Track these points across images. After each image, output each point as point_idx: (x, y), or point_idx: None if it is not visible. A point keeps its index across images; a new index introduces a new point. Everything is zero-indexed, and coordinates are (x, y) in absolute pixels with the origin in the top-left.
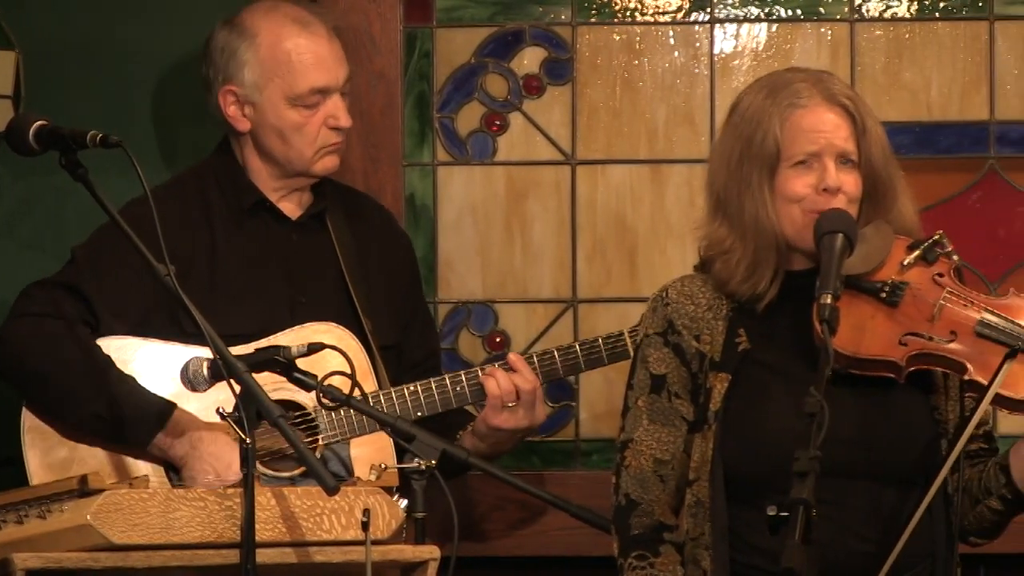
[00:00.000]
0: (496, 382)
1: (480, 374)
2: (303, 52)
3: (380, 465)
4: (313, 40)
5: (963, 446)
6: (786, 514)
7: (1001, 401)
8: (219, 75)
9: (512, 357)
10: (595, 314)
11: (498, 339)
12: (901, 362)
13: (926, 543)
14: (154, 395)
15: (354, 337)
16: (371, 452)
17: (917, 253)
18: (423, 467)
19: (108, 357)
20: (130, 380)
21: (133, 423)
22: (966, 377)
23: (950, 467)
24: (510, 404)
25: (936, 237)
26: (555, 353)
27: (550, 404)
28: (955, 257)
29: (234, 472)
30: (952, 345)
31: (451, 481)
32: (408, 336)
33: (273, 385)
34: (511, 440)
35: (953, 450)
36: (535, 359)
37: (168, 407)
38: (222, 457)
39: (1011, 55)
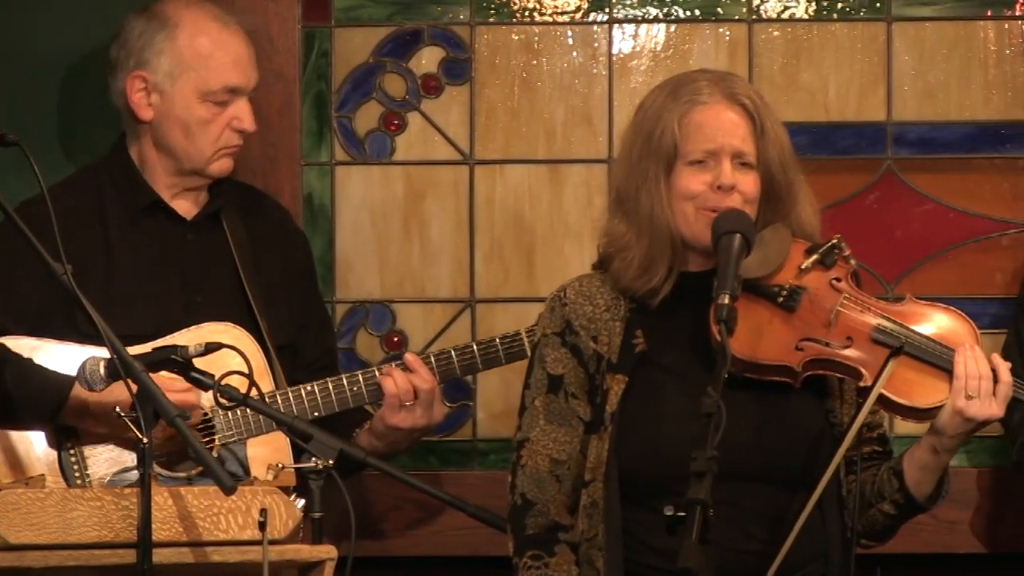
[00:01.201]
0: (394, 381)
1: (377, 374)
2: (222, 49)
3: (277, 464)
4: (233, 39)
5: (848, 447)
6: (683, 514)
7: (890, 405)
8: (130, 59)
9: (409, 357)
10: (493, 314)
11: (396, 339)
12: (797, 367)
13: (819, 544)
14: (56, 372)
15: (251, 337)
16: (268, 452)
17: (815, 257)
18: (320, 467)
19: (3, 345)
20: (28, 362)
21: (39, 395)
22: (861, 383)
23: (834, 469)
24: (407, 403)
25: (834, 241)
26: (452, 353)
27: (448, 404)
28: (852, 261)
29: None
30: (848, 351)
31: (347, 480)
32: (304, 335)
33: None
34: (408, 439)
35: (837, 452)
36: (432, 359)
37: (71, 380)
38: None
39: (908, 56)
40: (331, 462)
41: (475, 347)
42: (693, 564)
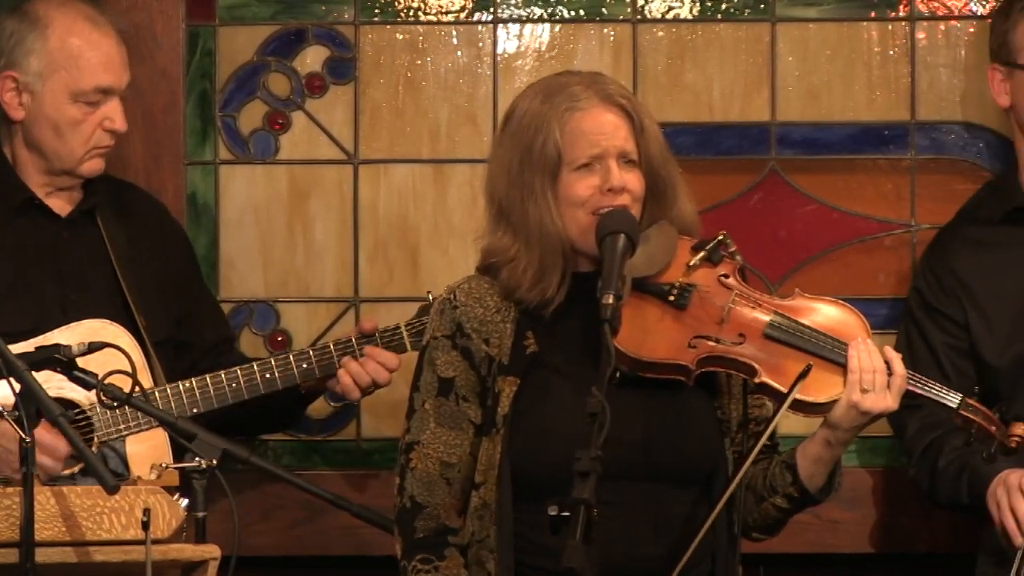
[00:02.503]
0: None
1: (256, 368)
2: (93, 49)
3: (161, 464)
4: (104, 39)
5: (750, 446)
6: (567, 514)
7: (793, 405)
8: (1, 59)
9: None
10: (377, 313)
11: (280, 338)
12: (691, 365)
13: (708, 542)
14: None
15: (128, 334)
16: (147, 449)
17: (702, 254)
18: (204, 466)
19: None
20: None
21: None
22: (756, 380)
23: (738, 467)
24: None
25: (720, 237)
26: (331, 346)
27: (331, 404)
28: (738, 258)
29: (14, 455)
30: (741, 348)
31: (230, 475)
32: (196, 325)
33: (43, 383)
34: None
35: (746, 458)
36: (311, 354)
37: None
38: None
39: (792, 57)
40: (215, 461)
41: (354, 340)
42: (576, 564)
